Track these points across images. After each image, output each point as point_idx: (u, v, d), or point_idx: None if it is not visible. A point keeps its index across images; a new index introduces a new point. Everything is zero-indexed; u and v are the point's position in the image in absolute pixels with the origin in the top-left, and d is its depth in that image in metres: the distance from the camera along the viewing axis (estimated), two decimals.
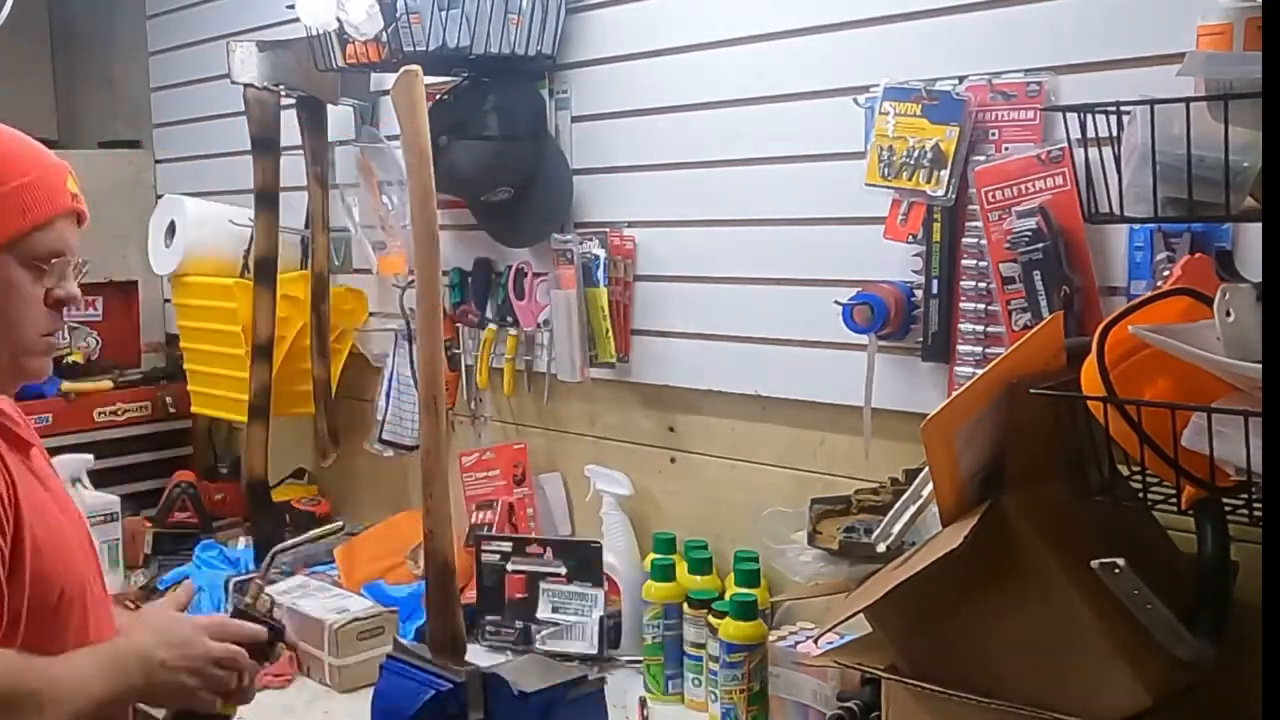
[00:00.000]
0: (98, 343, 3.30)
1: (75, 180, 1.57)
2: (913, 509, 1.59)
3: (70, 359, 3.22)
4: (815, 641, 1.89)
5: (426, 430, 1.62)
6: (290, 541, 1.78)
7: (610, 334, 2.35)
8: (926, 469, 1.51)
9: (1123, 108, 1.35)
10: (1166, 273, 1.59)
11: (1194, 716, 1.46)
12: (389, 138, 2.73)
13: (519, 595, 2.30)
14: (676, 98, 2.23)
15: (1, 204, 1.48)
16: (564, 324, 2.39)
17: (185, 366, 3.12)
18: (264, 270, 2.79)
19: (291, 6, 2.38)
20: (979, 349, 1.84)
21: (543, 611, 2.27)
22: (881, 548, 1.59)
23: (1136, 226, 1.63)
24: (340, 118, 2.85)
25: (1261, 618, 1.02)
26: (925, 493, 1.55)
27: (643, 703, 2.06)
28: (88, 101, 3.92)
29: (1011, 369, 1.46)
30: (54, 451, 1.83)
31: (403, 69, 1.61)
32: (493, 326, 2.58)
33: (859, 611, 1.53)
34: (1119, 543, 1.38)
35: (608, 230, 2.35)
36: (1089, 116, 1.39)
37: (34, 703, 1.40)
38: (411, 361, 2.69)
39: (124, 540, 2.77)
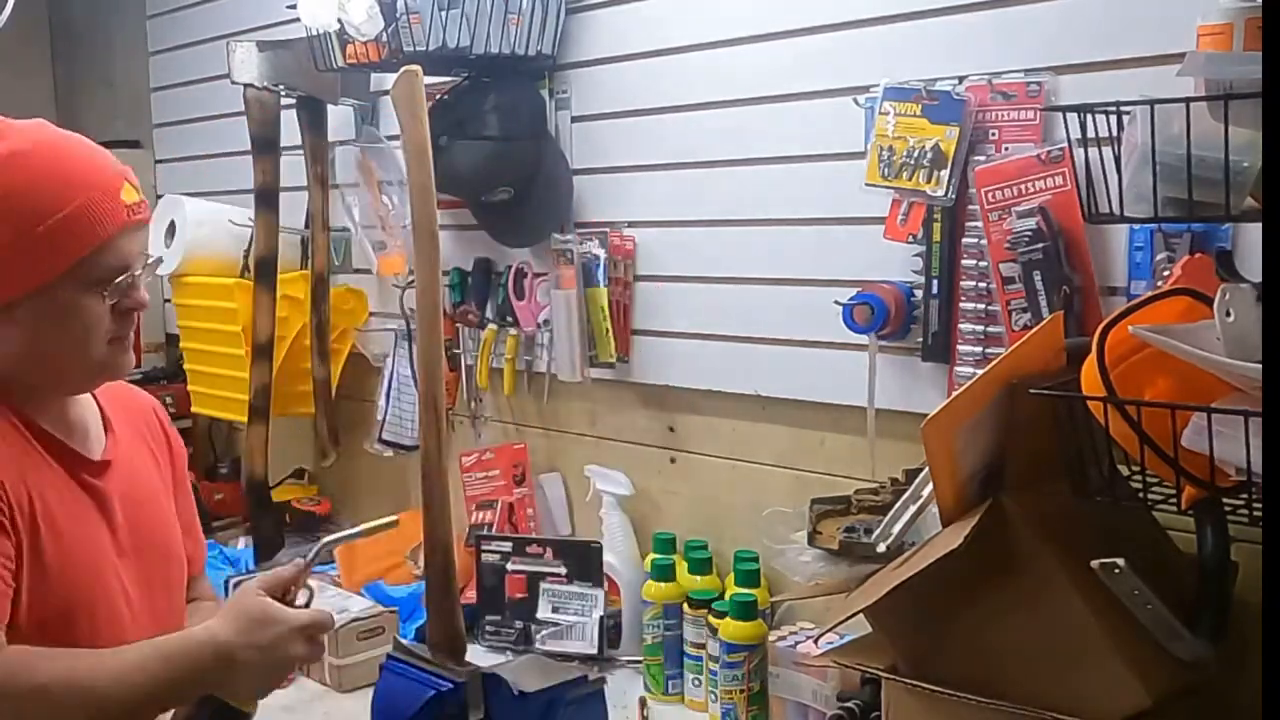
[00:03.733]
0: None
1: (133, 185, 1.50)
2: (913, 509, 1.58)
3: None
4: (815, 641, 1.89)
5: (426, 430, 1.62)
6: (343, 534, 1.62)
7: (610, 334, 2.35)
8: (926, 469, 1.51)
9: (1123, 108, 1.35)
10: (1166, 273, 1.59)
11: (1194, 716, 1.46)
12: (389, 138, 2.73)
13: (519, 595, 2.30)
14: (676, 98, 2.23)
15: (55, 234, 1.41)
16: (564, 324, 2.39)
17: (185, 366, 3.12)
18: (264, 270, 2.79)
19: (292, 6, 2.38)
20: (979, 349, 1.84)
21: (543, 611, 2.27)
22: (881, 548, 1.59)
23: (1136, 226, 1.63)
24: (340, 118, 2.84)
25: (1261, 618, 1.02)
26: (925, 493, 1.55)
27: (643, 703, 2.06)
28: (88, 101, 3.92)
29: (1011, 369, 1.46)
30: None
31: (403, 69, 1.61)
32: (493, 326, 2.58)
33: (859, 611, 1.53)
34: (1119, 543, 1.38)
35: (608, 230, 2.35)
36: (1089, 116, 1.39)
37: (42, 696, 1.35)
38: (411, 361, 2.69)
39: None
